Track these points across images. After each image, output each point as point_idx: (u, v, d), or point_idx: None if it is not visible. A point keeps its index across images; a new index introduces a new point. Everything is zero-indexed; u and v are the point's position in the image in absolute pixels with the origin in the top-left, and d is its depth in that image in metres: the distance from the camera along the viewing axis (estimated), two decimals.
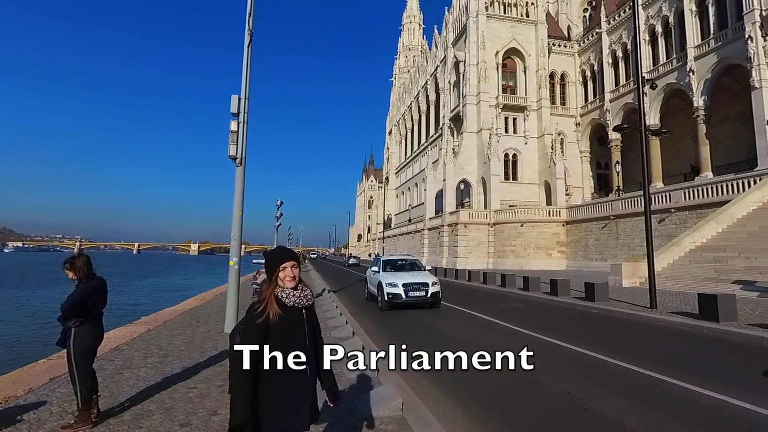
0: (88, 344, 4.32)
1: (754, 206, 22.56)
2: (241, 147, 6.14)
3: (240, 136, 6.15)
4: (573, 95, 49.61)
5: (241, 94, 6.41)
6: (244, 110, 6.32)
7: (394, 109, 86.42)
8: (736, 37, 31.12)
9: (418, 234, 54.06)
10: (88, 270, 4.39)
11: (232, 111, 6.01)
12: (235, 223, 6.01)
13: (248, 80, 6.46)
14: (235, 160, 5.90)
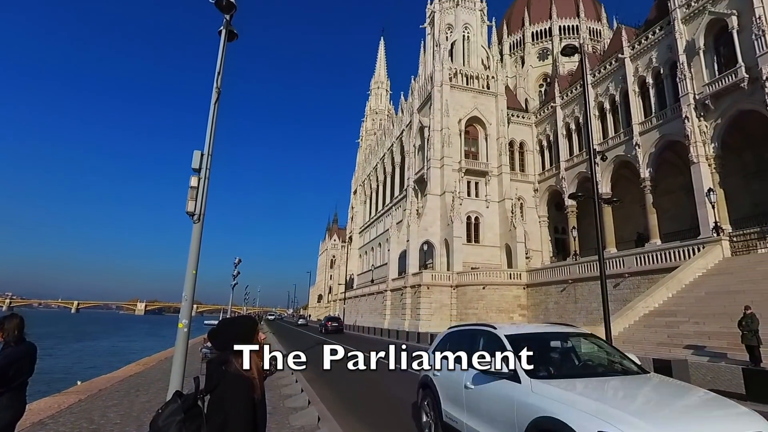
0: (5, 419, 3.79)
1: (699, 273, 24.09)
2: (201, 203, 6.09)
3: (200, 193, 6.13)
4: (531, 163, 52.95)
5: (205, 150, 6.47)
6: (206, 167, 6.35)
7: (359, 169, 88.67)
8: (675, 117, 34.80)
9: (380, 295, 53.47)
10: (20, 333, 3.96)
11: (193, 166, 6.04)
12: (188, 281, 5.80)
13: (213, 137, 6.58)
14: (192, 217, 5.82)
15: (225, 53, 7.66)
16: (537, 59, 69.32)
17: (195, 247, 5.93)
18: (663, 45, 36.85)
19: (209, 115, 6.72)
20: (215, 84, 7.13)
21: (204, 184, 6.16)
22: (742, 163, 34.33)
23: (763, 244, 24.35)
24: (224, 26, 7.78)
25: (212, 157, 6.46)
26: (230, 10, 7.66)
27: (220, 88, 7.15)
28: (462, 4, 55.64)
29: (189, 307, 5.86)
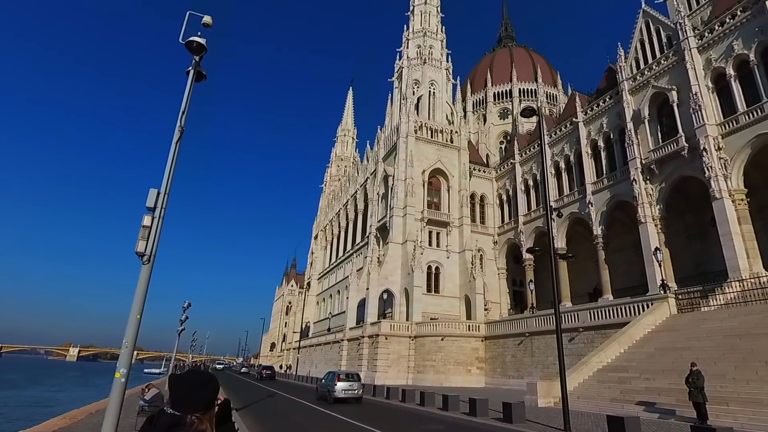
0: None
1: (649, 329, 25.08)
2: (152, 244, 5.89)
3: (152, 233, 5.93)
4: (491, 215, 54.84)
5: (161, 189, 6.34)
6: (162, 206, 6.20)
7: (322, 214, 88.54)
8: (624, 179, 37.49)
9: (336, 345, 51.91)
10: None
11: (147, 205, 5.87)
12: (131, 327, 5.46)
13: (171, 176, 6.48)
14: (142, 257, 5.59)
15: (191, 93, 7.75)
16: (498, 118, 73.79)
17: (142, 290, 5.65)
18: (613, 112, 40.29)
19: (169, 153, 6.67)
20: (179, 123, 7.14)
21: (158, 224, 5.99)
22: (685, 225, 37.04)
23: (706, 303, 25.86)
24: (193, 67, 7.93)
25: (169, 196, 6.34)
26: (200, 52, 7.84)
27: (184, 127, 7.16)
28: (429, 62, 59.09)
29: (129, 354, 5.48)
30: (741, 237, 28.41)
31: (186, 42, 7.68)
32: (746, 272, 27.06)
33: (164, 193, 6.26)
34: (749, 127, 29.43)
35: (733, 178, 29.68)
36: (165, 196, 6.24)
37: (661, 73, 35.89)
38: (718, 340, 20.53)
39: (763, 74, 29.47)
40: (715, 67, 32.11)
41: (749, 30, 30.38)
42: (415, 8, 64.00)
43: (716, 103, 31.95)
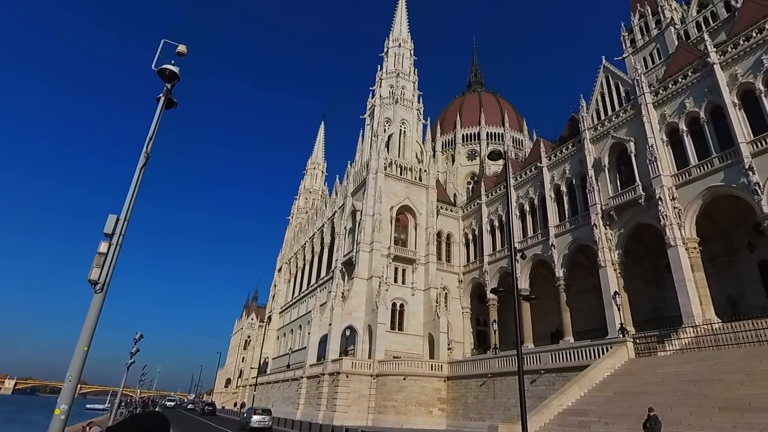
0: None
1: (608, 372, 25.58)
2: (107, 272, 5.63)
3: (109, 260, 5.70)
4: (457, 254, 55.56)
5: (121, 215, 6.15)
6: (120, 233, 5.99)
7: (287, 246, 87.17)
8: (585, 223, 39.06)
9: (295, 382, 50.05)
10: None
11: (105, 231, 5.64)
12: (76, 359, 5.10)
13: (133, 202, 6.31)
14: (95, 286, 5.33)
15: (161, 120, 7.70)
16: (466, 159, 76.26)
17: (92, 320, 5.35)
18: (575, 159, 42.44)
19: (133, 178, 6.52)
20: (145, 149, 7.03)
21: (115, 251, 5.76)
22: (642, 270, 38.67)
23: (662, 348, 26.77)
24: (164, 94, 7.92)
25: (129, 223, 6.14)
26: (172, 80, 7.86)
27: (150, 154, 7.05)
28: (401, 102, 60.94)
29: (73, 389, 5.08)
30: (694, 284, 29.88)
31: (159, 69, 7.69)
32: (699, 318, 28.32)
33: (124, 219, 6.06)
34: (701, 180, 31.60)
35: (687, 226, 31.52)
36: (125, 223, 6.04)
37: (620, 125, 38.38)
38: (674, 385, 21.14)
39: (712, 131, 31.99)
40: (669, 122, 34.67)
41: (699, 90, 33.19)
42: (389, 50, 66.50)
43: (671, 156, 34.26)
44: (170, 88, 7.90)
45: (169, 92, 7.90)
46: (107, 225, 5.74)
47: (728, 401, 17.77)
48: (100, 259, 5.52)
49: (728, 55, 31.65)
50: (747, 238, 33.03)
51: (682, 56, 37.78)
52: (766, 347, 21.64)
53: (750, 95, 30.14)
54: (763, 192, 27.43)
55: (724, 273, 33.85)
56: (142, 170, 6.59)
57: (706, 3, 49.73)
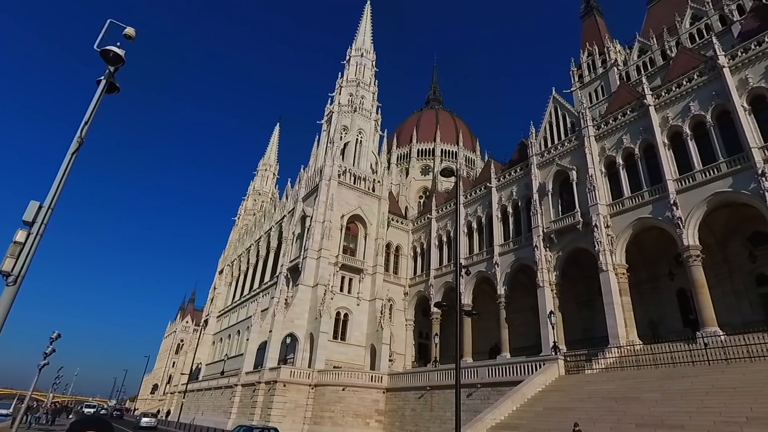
0: None
1: (539, 388, 26.62)
2: (24, 263, 5.12)
3: (26, 251, 5.19)
4: (404, 266, 56.10)
5: (45, 202, 5.64)
6: (43, 221, 5.49)
7: (231, 248, 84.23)
8: (527, 244, 40.77)
9: (228, 390, 48.05)
10: None
11: (24, 219, 5.13)
12: None
13: (60, 189, 5.80)
14: (7, 277, 4.83)
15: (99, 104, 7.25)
16: (420, 173, 77.75)
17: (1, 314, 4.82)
18: (522, 182, 44.36)
19: (63, 164, 6.03)
20: (79, 133, 6.56)
21: (34, 241, 5.25)
22: (577, 292, 40.82)
23: (590, 366, 28.28)
24: (105, 77, 7.48)
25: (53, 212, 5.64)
26: (116, 63, 7.45)
27: (84, 139, 6.58)
28: (359, 111, 61.23)
29: None
30: (621, 307, 31.93)
31: (101, 50, 7.26)
32: (624, 340, 30.25)
33: (48, 207, 5.56)
34: (632, 211, 34.00)
35: (617, 253, 33.72)
36: (49, 211, 5.54)
37: (565, 154, 40.64)
38: (598, 402, 22.33)
39: (644, 166, 34.59)
40: (608, 155, 37.13)
41: (636, 128, 35.86)
42: (351, 58, 66.82)
43: (607, 186, 36.64)
44: (113, 71, 7.47)
45: (112, 75, 7.47)
46: (27, 212, 5.22)
47: (644, 418, 19.00)
48: (15, 249, 5.01)
49: (662, 99, 34.53)
50: (669, 268, 35.83)
51: (623, 95, 40.78)
52: (680, 368, 23.43)
53: (678, 137, 32.95)
54: (684, 226, 29.92)
55: (648, 298, 36.46)
56: (74, 155, 6.11)
57: (645, 49, 54.10)
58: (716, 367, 22.10)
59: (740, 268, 32.73)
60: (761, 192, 26.85)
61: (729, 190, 29.01)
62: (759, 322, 27.26)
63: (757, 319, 28.81)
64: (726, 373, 20.81)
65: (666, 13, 54.40)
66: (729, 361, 22.19)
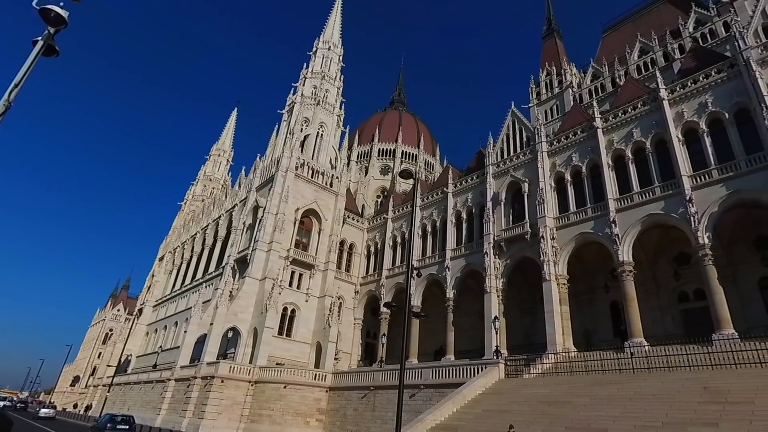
0: None
1: (480, 390, 27.68)
2: None
3: None
4: (357, 265, 56.26)
5: None
6: None
7: (174, 234, 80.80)
8: (478, 250, 42.20)
9: (160, 385, 46.10)
10: None
11: None
12: None
13: None
14: None
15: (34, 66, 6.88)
16: (379, 173, 78.34)
17: None
18: (477, 190, 45.86)
19: None
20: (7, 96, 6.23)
21: None
22: (521, 299, 42.68)
23: (527, 371, 29.76)
24: (43, 38, 7.11)
25: None
26: (57, 24, 7.10)
27: (11, 103, 6.24)
28: (323, 105, 60.81)
29: None
30: (560, 316, 33.82)
31: (41, 8, 6.90)
32: (560, 347, 32.07)
33: None
34: (576, 225, 36.15)
35: (560, 264, 35.70)
36: None
37: (519, 166, 42.48)
38: (533, 406, 23.55)
39: (589, 184, 36.87)
40: (558, 171, 39.23)
41: (584, 148, 38.13)
42: (318, 50, 66.23)
43: (556, 200, 38.70)
44: (53, 33, 7.11)
45: (51, 37, 7.10)
46: None
47: (574, 422, 20.30)
48: None
49: (609, 123, 37.07)
50: (605, 281, 38.39)
51: (575, 116, 43.28)
52: (608, 375, 25.20)
53: (621, 160, 35.52)
54: (620, 243, 32.25)
55: (584, 309, 38.85)
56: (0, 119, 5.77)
57: (598, 75, 57.59)
58: (639, 375, 23.95)
59: (666, 285, 35.66)
60: (687, 216, 29.53)
61: (661, 212, 31.63)
62: (679, 335, 29.82)
63: (678, 333, 31.51)
64: (647, 381, 22.61)
65: (618, 43, 58.21)
66: (651, 370, 24.13)
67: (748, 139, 29.41)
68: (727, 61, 32.56)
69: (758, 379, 19.26)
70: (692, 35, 48.53)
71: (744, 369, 20.97)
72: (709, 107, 31.55)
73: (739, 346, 23.07)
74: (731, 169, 29.34)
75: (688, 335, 26.59)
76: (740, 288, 31.39)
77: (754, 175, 28.14)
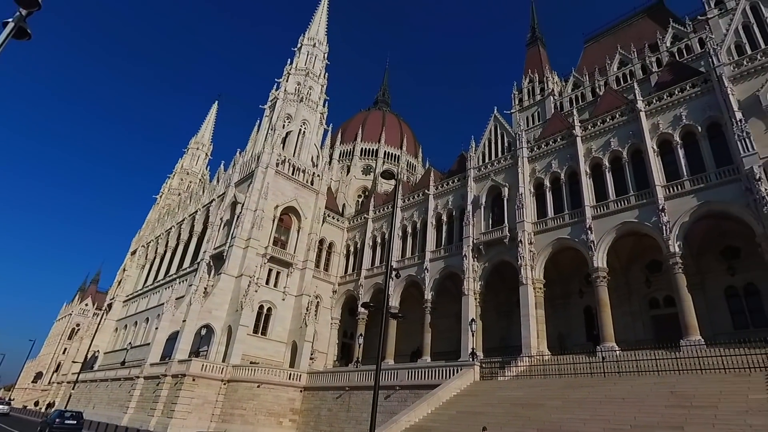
0: None
1: (455, 392, 27.96)
2: None
3: None
4: (336, 264, 56.05)
5: None
6: None
7: (148, 228, 78.99)
8: (457, 253, 42.61)
9: (128, 382, 45.04)
10: None
11: None
12: None
13: None
14: None
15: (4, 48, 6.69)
16: (361, 172, 78.30)
17: None
18: (458, 193, 46.32)
19: None
20: None
21: None
22: (498, 302, 43.27)
23: (502, 373, 30.21)
24: (15, 20, 6.93)
25: None
26: (30, 6, 6.93)
27: None
28: (306, 101, 60.45)
29: None
30: (535, 320, 34.45)
31: None
32: (535, 350, 32.69)
33: None
34: (554, 230, 36.89)
35: (537, 269, 36.37)
36: None
37: (500, 170, 43.11)
38: (507, 408, 23.93)
39: (568, 191, 37.68)
40: (538, 176, 39.98)
41: (564, 155, 38.95)
42: (303, 47, 65.85)
43: (535, 205, 39.40)
44: (25, 15, 6.94)
45: (23, 19, 6.93)
46: None
47: (545, 424, 20.72)
48: None
49: (588, 132, 38.00)
50: (579, 286, 39.25)
51: (555, 123, 44.17)
52: (580, 379, 25.79)
53: (598, 168, 36.47)
54: (596, 249, 33.07)
55: (559, 313, 39.63)
56: None
57: (579, 84, 58.91)
58: (610, 379, 24.58)
59: (638, 292, 36.71)
60: (660, 225, 30.54)
61: (635, 220, 32.57)
62: (649, 340, 30.77)
63: (648, 338, 32.51)
64: (618, 385, 23.23)
65: (599, 54, 59.68)
66: (621, 374, 24.80)
67: (718, 153, 30.61)
68: (701, 76, 33.83)
69: (721, 384, 20.02)
70: (669, 50, 50.16)
71: (708, 374, 21.72)
72: (684, 120, 32.68)
73: (704, 352, 23.95)
74: (702, 180, 30.44)
75: (658, 341, 27.53)
76: (708, 296, 32.56)
77: (724, 187, 29.27)
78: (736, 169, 28.77)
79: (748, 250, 30.17)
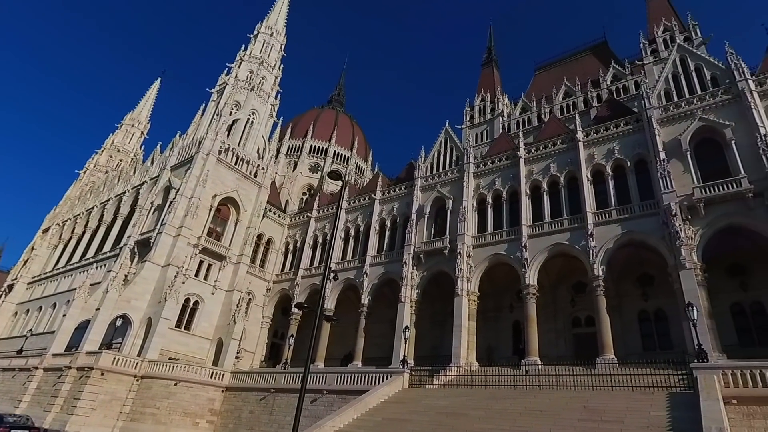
0: None
1: (382, 399, 28.05)
2: None
3: None
4: (273, 261, 54.62)
5: None
6: None
7: (66, 204, 72.73)
8: (398, 260, 43.12)
9: (23, 373, 41.07)
10: None
11: None
12: None
13: None
14: None
15: None
16: (308, 170, 77.30)
17: None
18: (404, 201, 47.02)
19: None
20: None
21: None
22: (433, 311, 44.15)
23: (431, 381, 30.82)
24: None
25: None
26: None
27: None
28: (257, 91, 58.75)
29: None
30: (467, 331, 35.57)
31: None
32: (464, 360, 33.69)
33: None
34: (491, 246, 38.46)
35: (473, 281, 37.66)
36: None
37: (446, 183, 44.30)
38: (432, 416, 24.36)
39: (507, 209, 39.50)
40: (481, 192, 41.55)
41: (507, 174, 40.82)
42: (259, 35, 64.15)
43: (476, 220, 40.84)
44: None
45: None
46: None
47: None
48: None
49: (531, 155, 40.28)
50: (510, 301, 41.10)
51: (502, 143, 46.23)
52: (503, 390, 26.88)
53: (537, 190, 38.68)
54: (528, 267, 34.82)
55: (490, 326, 41.15)
56: None
57: (526, 109, 62.21)
58: (531, 392, 25.82)
59: (563, 310, 39.05)
60: (587, 249, 32.86)
61: (566, 243, 34.81)
62: (569, 356, 32.75)
63: (568, 354, 34.59)
64: (537, 398, 24.45)
65: (547, 82, 63.41)
66: (541, 388, 26.13)
67: (643, 187, 33.73)
68: (634, 116, 37.05)
69: (629, 401, 21.67)
70: (609, 87, 54.42)
71: (619, 391, 23.49)
72: (616, 154, 35.58)
73: (617, 370, 25.94)
74: (627, 211, 33.23)
75: (577, 357, 29.33)
76: (623, 318, 35.32)
77: (645, 219, 32.15)
78: (657, 203, 31.68)
79: (660, 278, 33.15)
